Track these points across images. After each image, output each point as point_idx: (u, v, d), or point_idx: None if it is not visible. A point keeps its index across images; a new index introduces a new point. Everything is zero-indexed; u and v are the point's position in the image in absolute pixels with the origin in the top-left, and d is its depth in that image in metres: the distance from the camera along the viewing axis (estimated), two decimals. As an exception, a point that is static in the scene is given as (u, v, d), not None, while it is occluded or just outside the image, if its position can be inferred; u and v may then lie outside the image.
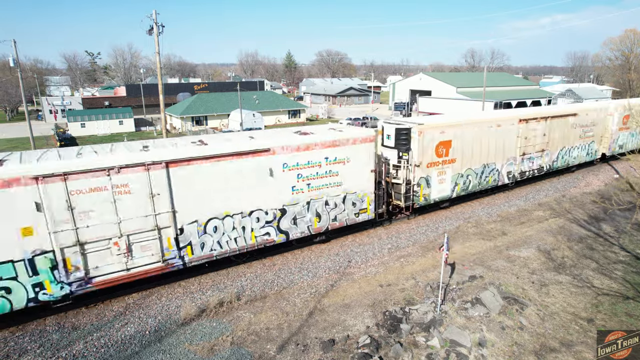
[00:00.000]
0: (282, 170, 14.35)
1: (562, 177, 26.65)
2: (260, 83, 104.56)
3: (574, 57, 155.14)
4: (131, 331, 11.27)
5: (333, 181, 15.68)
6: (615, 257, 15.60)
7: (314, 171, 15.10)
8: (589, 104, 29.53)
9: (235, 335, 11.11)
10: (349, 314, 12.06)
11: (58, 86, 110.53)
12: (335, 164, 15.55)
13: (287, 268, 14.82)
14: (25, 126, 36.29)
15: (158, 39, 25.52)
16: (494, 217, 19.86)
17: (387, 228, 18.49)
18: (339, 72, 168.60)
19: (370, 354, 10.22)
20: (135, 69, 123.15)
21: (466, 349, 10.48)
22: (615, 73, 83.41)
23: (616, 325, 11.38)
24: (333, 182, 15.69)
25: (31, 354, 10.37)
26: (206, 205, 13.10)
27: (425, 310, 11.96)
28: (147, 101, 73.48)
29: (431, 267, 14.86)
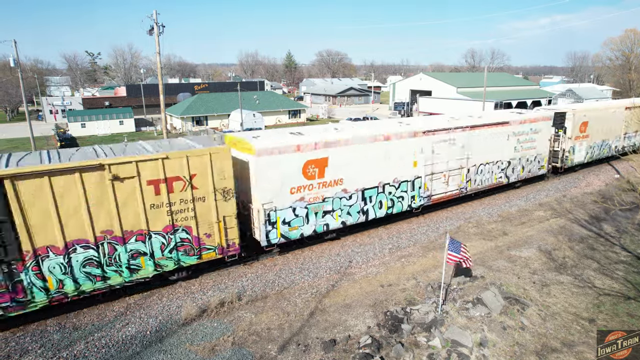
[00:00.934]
0: (512, 136, 21.90)
1: (563, 177, 26.64)
2: (260, 83, 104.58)
3: (574, 57, 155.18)
4: (132, 331, 11.27)
5: (532, 145, 23.13)
6: (616, 257, 15.59)
7: (525, 138, 22.57)
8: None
9: (237, 336, 11.10)
10: (350, 314, 12.06)
11: (58, 86, 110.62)
12: (534, 133, 23.00)
13: (287, 268, 14.81)
14: (26, 126, 36.29)
15: (158, 39, 25.53)
16: (494, 217, 19.85)
17: (387, 229, 18.47)
18: (339, 72, 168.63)
19: (372, 354, 10.21)
20: (135, 69, 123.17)
21: (467, 349, 10.47)
22: (616, 73, 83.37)
23: (617, 325, 11.37)
24: (532, 146, 23.15)
25: (32, 354, 10.36)
26: (480, 155, 20.64)
27: (427, 311, 11.95)
28: (147, 101, 73.46)
29: (432, 267, 14.85)
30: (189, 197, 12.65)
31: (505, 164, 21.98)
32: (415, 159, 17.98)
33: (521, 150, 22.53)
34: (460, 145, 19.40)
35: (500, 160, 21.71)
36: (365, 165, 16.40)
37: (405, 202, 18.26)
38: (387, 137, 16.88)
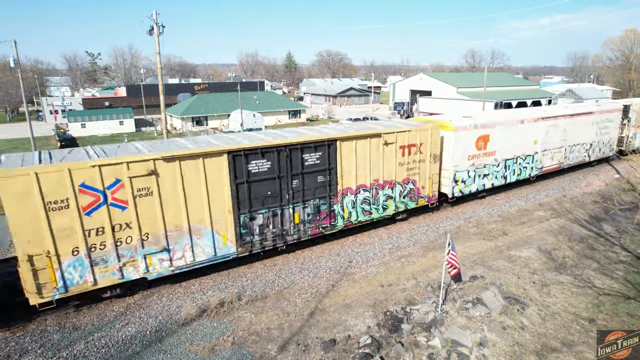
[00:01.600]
0: (595, 123, 26.58)
1: (562, 177, 26.64)
2: (260, 83, 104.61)
3: (574, 57, 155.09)
4: (132, 331, 11.27)
5: (607, 132, 27.85)
6: (616, 257, 15.59)
7: (602, 125, 27.12)
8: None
9: (236, 336, 11.11)
10: (350, 314, 12.06)
11: (58, 87, 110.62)
12: (609, 122, 27.68)
13: (287, 268, 14.82)
14: (26, 126, 36.30)
15: (158, 39, 25.54)
16: (494, 217, 19.85)
17: (387, 229, 18.48)
18: (339, 72, 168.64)
19: (372, 354, 10.21)
20: (135, 69, 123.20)
21: (467, 349, 10.47)
22: (616, 73, 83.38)
23: (617, 325, 11.37)
24: (606, 132, 27.83)
25: (32, 354, 10.36)
26: (574, 138, 25.33)
27: (427, 310, 11.95)
28: (147, 101, 73.45)
29: (432, 267, 14.85)
30: (418, 159, 17.96)
31: (588, 145, 26.97)
32: (536, 138, 23.07)
33: (599, 135, 27.41)
34: (562, 129, 24.31)
35: (586, 143, 26.69)
36: (508, 142, 21.56)
37: (527, 171, 23.45)
38: (521, 121, 22.07)
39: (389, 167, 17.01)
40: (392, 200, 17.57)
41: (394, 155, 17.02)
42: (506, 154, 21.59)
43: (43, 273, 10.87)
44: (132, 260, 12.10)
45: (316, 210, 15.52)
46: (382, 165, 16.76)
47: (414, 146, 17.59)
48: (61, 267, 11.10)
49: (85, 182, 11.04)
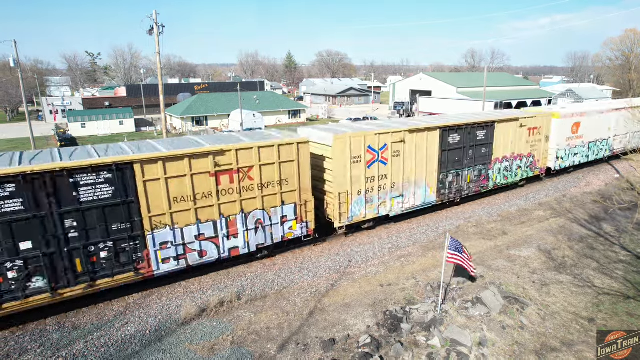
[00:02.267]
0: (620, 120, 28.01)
1: (563, 177, 26.64)
2: (260, 83, 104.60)
3: (574, 57, 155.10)
4: (131, 331, 11.27)
5: None
6: (616, 256, 15.59)
7: None
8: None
9: (236, 335, 11.10)
10: (349, 314, 12.05)
11: (58, 87, 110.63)
12: None
13: (287, 268, 14.81)
14: (26, 126, 36.30)
15: (158, 39, 25.54)
16: (494, 217, 19.85)
17: (387, 228, 18.47)
18: (339, 72, 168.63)
19: (371, 354, 10.21)
20: (135, 69, 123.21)
21: (467, 349, 10.46)
22: (616, 73, 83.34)
23: (617, 324, 11.37)
24: None
25: (31, 354, 10.36)
26: (597, 133, 27.43)
27: (426, 310, 11.95)
28: (147, 101, 73.47)
29: (432, 266, 14.85)
30: (537, 138, 23.27)
31: (627, 136, 29.91)
32: (610, 125, 27.72)
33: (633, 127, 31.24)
34: (623, 120, 27.17)
35: (626, 133, 29.68)
36: (592, 128, 26.47)
37: (603, 152, 28.38)
38: (601, 111, 26.97)
39: (520, 144, 22.35)
40: (520, 169, 22.93)
41: (524, 135, 22.40)
42: (590, 138, 27.01)
43: (343, 206, 16.14)
44: (384, 202, 17.41)
45: (479, 174, 20.82)
46: (517, 142, 22.10)
47: (536, 129, 23.02)
48: (351, 203, 16.23)
49: (370, 145, 16.27)
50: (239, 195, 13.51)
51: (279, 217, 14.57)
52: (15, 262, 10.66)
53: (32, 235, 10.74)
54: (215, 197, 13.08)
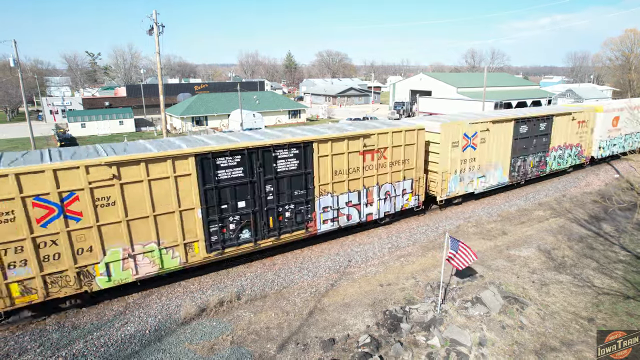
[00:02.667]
0: None
1: (562, 177, 26.65)
2: (260, 83, 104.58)
3: (574, 57, 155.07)
4: (131, 330, 11.27)
5: None
6: (615, 256, 15.59)
7: None
8: None
9: (235, 335, 11.10)
10: (349, 313, 12.05)
11: (58, 87, 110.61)
12: None
13: (287, 267, 14.82)
14: (26, 126, 36.30)
15: (158, 39, 25.54)
16: (494, 217, 19.85)
17: (387, 228, 18.47)
18: (339, 72, 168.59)
19: (371, 353, 10.21)
20: (135, 69, 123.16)
21: (466, 348, 10.47)
22: (616, 73, 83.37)
23: (617, 324, 11.38)
24: None
25: (31, 353, 10.36)
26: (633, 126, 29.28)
27: (426, 310, 11.95)
28: (147, 101, 73.46)
29: (431, 266, 14.84)
30: (584, 130, 26.06)
31: None
32: None
33: None
34: None
35: None
36: (628, 121, 28.11)
37: (636, 144, 30.50)
38: (637, 107, 28.39)
39: (571, 135, 25.17)
40: (570, 157, 25.83)
41: (575, 127, 25.12)
42: (627, 130, 29.53)
43: (444, 183, 19.39)
44: (471, 181, 20.65)
45: (539, 160, 23.80)
46: (569, 133, 24.88)
47: (584, 122, 25.71)
48: (449, 181, 19.60)
49: (466, 132, 19.57)
50: (376, 170, 16.81)
51: (400, 190, 17.94)
52: (234, 217, 13.69)
53: (246, 197, 13.77)
54: (361, 172, 16.34)
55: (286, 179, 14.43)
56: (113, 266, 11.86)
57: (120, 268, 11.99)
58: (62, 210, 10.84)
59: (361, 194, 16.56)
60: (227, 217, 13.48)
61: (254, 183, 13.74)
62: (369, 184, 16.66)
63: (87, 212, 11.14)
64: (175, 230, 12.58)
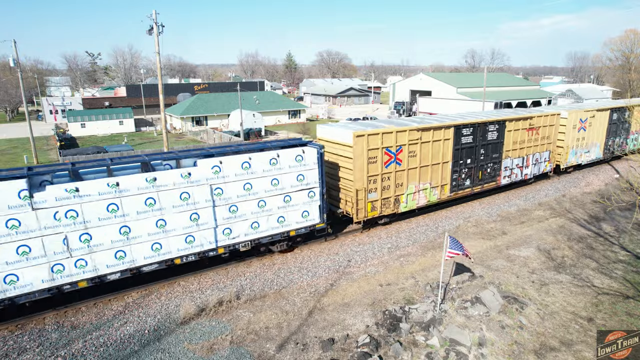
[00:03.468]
0: None
1: (563, 177, 26.64)
2: (260, 83, 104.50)
3: (574, 57, 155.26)
4: (130, 330, 11.26)
5: None
6: (615, 256, 15.58)
7: None
8: None
9: (235, 335, 11.09)
10: (348, 313, 12.04)
11: (58, 87, 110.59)
12: None
13: (286, 267, 14.81)
14: (26, 126, 36.31)
15: (158, 38, 25.54)
16: (494, 217, 19.84)
17: (387, 228, 18.47)
18: (339, 72, 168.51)
19: (370, 353, 10.20)
20: (135, 69, 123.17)
21: (466, 348, 10.46)
22: (616, 73, 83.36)
23: (616, 324, 11.37)
24: None
25: (30, 353, 10.35)
26: None
27: (425, 310, 11.94)
28: (147, 101, 73.42)
29: (431, 266, 14.83)
30: None
31: None
32: None
33: None
34: None
35: None
36: None
37: None
38: None
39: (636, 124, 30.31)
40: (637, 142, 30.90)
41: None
42: None
43: (566, 155, 25.92)
44: (581, 155, 26.86)
45: (621, 141, 29.37)
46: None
47: None
48: (569, 154, 26.01)
49: (581, 118, 25.91)
50: (532, 143, 23.32)
51: (543, 158, 24.50)
52: (464, 169, 20.23)
53: (471, 156, 20.38)
54: (525, 143, 22.93)
55: (490, 145, 21.05)
56: (408, 197, 18.37)
57: (411, 199, 18.51)
58: (395, 157, 17.44)
59: (524, 159, 23.17)
60: (461, 169, 20.08)
61: (475, 147, 20.32)
62: (527, 153, 23.20)
63: (404, 159, 17.69)
64: (439, 176, 19.24)
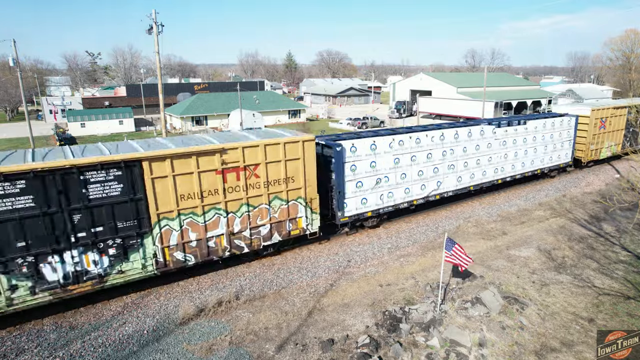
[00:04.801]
0: None
1: (563, 177, 26.59)
2: (260, 83, 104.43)
3: (574, 57, 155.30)
4: (129, 331, 11.21)
5: None
6: (616, 256, 15.53)
7: None
8: None
9: (234, 335, 11.05)
10: (348, 314, 11.99)
11: (58, 86, 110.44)
12: None
13: (286, 267, 14.76)
14: (25, 126, 36.26)
15: (157, 38, 25.49)
16: (494, 217, 19.78)
17: (386, 228, 18.42)
18: (339, 72, 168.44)
19: (370, 354, 10.15)
20: (135, 69, 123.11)
21: (466, 349, 10.41)
22: (616, 73, 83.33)
23: (617, 325, 11.31)
24: None
25: (28, 354, 10.31)
26: None
27: (425, 310, 11.89)
28: (147, 101, 73.41)
29: (431, 266, 14.79)
30: None
31: None
32: None
33: None
34: None
35: None
36: None
37: None
38: None
39: None
40: None
41: None
42: None
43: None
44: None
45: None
46: None
47: None
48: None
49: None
50: None
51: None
52: None
53: None
54: None
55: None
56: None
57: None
58: None
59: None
60: None
61: None
62: None
63: None
64: None
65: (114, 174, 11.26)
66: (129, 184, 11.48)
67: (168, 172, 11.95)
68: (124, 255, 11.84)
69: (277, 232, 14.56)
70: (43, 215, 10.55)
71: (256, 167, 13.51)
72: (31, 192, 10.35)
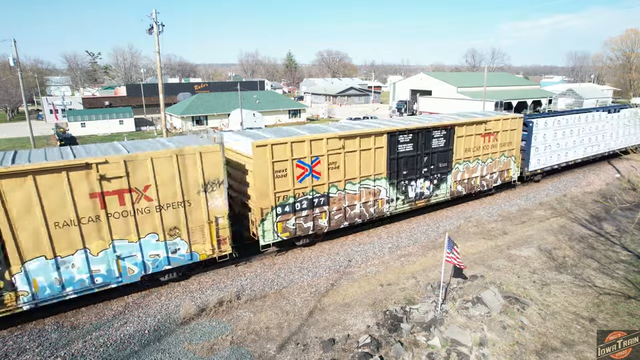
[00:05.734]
0: None
1: (563, 177, 26.59)
2: (260, 83, 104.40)
3: (574, 57, 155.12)
4: (130, 330, 11.22)
5: None
6: (616, 256, 15.53)
7: None
8: None
9: (235, 335, 11.06)
10: (349, 314, 12.00)
11: (58, 86, 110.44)
12: None
13: (287, 267, 14.77)
14: (26, 126, 36.27)
15: (158, 38, 25.49)
16: (494, 217, 19.79)
17: (387, 228, 18.42)
18: (339, 72, 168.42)
19: (371, 354, 10.16)
20: (135, 69, 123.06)
21: (467, 349, 10.42)
22: (616, 73, 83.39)
23: (618, 324, 11.32)
24: None
25: (30, 353, 10.32)
26: None
27: (426, 310, 11.90)
28: (147, 101, 73.35)
29: (432, 266, 14.79)
30: None
31: None
32: None
33: None
34: None
35: None
36: None
37: None
38: None
39: None
40: None
41: None
42: None
43: None
44: None
45: None
46: None
47: None
48: None
49: None
50: None
51: None
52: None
53: None
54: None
55: None
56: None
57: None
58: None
59: None
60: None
61: None
62: None
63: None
64: None
65: (438, 134, 18.67)
66: (447, 140, 18.97)
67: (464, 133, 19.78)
68: (438, 184, 19.25)
69: (500, 178, 22.28)
70: (415, 157, 17.92)
71: (497, 134, 21.24)
72: (411, 141, 17.76)
